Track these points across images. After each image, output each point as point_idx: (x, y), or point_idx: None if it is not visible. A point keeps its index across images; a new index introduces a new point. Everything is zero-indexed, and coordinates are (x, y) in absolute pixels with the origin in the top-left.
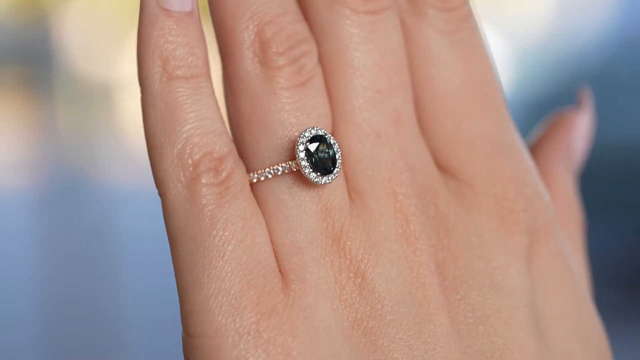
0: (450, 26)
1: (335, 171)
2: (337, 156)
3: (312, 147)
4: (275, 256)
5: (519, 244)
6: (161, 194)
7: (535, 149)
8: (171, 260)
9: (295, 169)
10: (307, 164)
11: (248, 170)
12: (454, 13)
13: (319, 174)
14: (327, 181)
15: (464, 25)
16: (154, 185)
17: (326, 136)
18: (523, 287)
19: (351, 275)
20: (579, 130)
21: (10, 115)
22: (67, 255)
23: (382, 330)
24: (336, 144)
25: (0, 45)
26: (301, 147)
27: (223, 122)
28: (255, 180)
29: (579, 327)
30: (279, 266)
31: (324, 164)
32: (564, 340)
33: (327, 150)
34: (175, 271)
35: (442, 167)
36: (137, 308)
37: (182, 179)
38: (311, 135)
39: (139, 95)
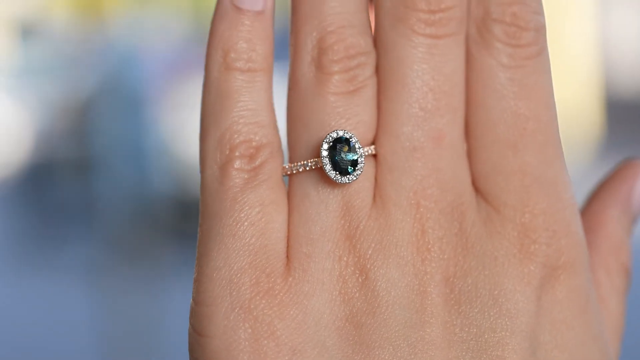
0: (514, 62)
1: (355, 173)
2: (359, 160)
3: (337, 147)
4: (288, 244)
5: (533, 273)
6: (201, 172)
7: (596, 192)
8: None
9: (319, 166)
10: (328, 162)
11: (290, 163)
12: (521, 50)
13: (337, 173)
14: (347, 181)
15: (529, 63)
16: None
17: (351, 139)
18: (526, 313)
19: (356, 272)
20: None
21: None
22: None
23: (373, 326)
24: (361, 149)
25: None
26: (325, 147)
27: (271, 115)
28: (290, 173)
29: None
30: (288, 253)
31: (344, 164)
32: None
33: (349, 152)
34: (198, 242)
35: (478, 191)
36: None
37: (218, 160)
38: (337, 137)
39: None
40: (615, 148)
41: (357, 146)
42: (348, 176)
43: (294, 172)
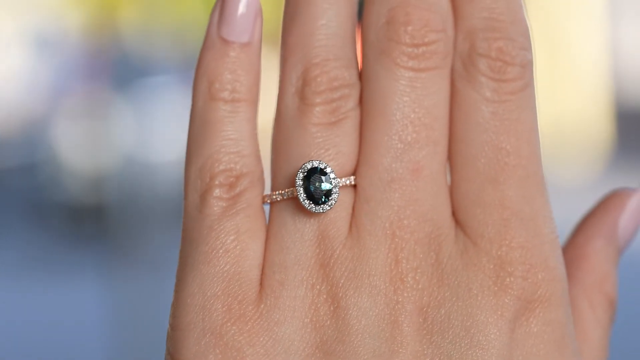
0: (497, 96)
1: (329, 203)
2: (334, 190)
3: (312, 178)
4: (263, 271)
5: (507, 305)
6: (184, 199)
7: (581, 223)
8: None
9: (295, 196)
10: (302, 192)
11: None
12: (505, 84)
13: (311, 202)
14: (320, 210)
15: (513, 98)
16: None
17: (326, 169)
18: (498, 345)
19: (328, 299)
20: (629, 211)
21: None
22: None
23: (343, 354)
24: (336, 180)
25: None
26: (300, 176)
27: (253, 145)
28: (270, 202)
29: None
30: (262, 281)
31: (318, 194)
32: None
33: (324, 182)
34: (177, 268)
35: (458, 223)
36: None
37: (199, 188)
38: (311, 167)
39: None
40: (626, 158)
41: (331, 176)
42: (322, 206)
43: (274, 200)
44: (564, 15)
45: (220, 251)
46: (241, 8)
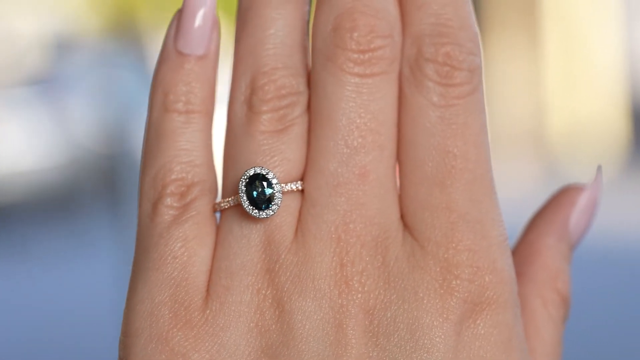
0: (444, 101)
1: (272, 208)
2: (277, 195)
3: (254, 184)
4: (210, 277)
5: (452, 308)
6: (138, 207)
7: (532, 221)
8: None
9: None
10: (245, 198)
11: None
12: (452, 89)
13: (254, 208)
14: (264, 216)
15: (460, 102)
16: None
17: (268, 175)
18: (443, 348)
19: (274, 304)
20: (579, 206)
21: None
22: None
23: (288, 358)
24: (279, 185)
25: None
26: (243, 183)
27: (206, 155)
28: (220, 209)
29: None
30: (208, 287)
31: (260, 200)
32: None
33: (265, 188)
34: (130, 276)
35: (407, 226)
36: None
37: (151, 197)
38: (253, 174)
39: None
40: None
41: (273, 182)
42: (265, 211)
43: (222, 208)
44: (580, 16)
45: (169, 258)
46: (197, 21)
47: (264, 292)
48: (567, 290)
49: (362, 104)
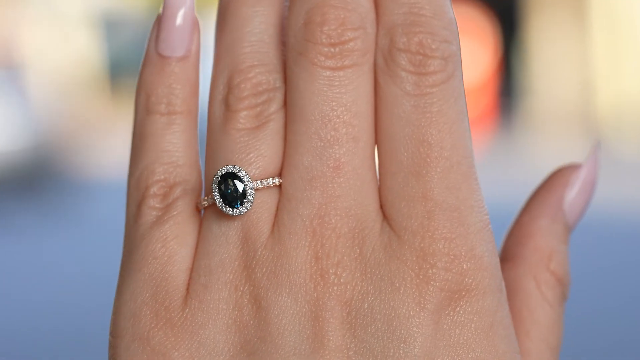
0: (418, 90)
1: (246, 205)
2: (249, 192)
3: (225, 182)
4: (190, 276)
5: (430, 297)
6: (125, 209)
7: (527, 204)
8: None
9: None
10: (218, 196)
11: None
12: (426, 77)
13: (227, 206)
14: (238, 213)
15: (434, 90)
16: None
17: (240, 173)
18: (420, 337)
19: (252, 300)
20: (576, 187)
21: None
22: None
23: (265, 353)
24: (251, 182)
25: None
26: (216, 181)
27: (190, 155)
28: (201, 208)
29: None
30: (188, 285)
31: (232, 198)
32: None
33: (237, 186)
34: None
35: (385, 216)
36: None
37: (135, 199)
38: (225, 172)
39: None
40: None
41: (245, 179)
42: (239, 208)
43: (203, 206)
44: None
45: (149, 259)
46: (178, 21)
47: (241, 288)
48: (563, 270)
49: (334, 97)
